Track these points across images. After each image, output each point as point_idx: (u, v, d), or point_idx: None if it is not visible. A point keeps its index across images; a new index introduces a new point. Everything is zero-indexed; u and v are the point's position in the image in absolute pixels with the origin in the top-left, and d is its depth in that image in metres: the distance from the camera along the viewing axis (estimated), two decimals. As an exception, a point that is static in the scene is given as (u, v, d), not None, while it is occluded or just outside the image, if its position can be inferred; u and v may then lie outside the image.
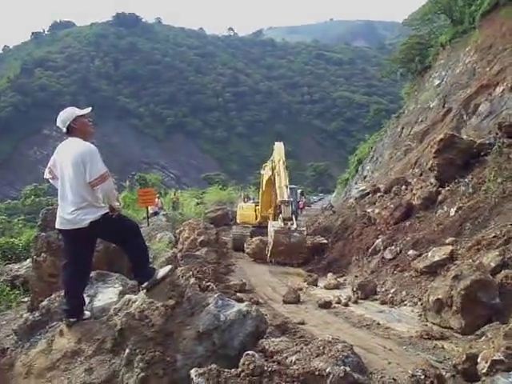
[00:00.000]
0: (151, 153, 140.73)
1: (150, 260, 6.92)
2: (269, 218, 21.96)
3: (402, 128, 30.16)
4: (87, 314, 5.55)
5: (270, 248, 16.75)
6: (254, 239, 19.41)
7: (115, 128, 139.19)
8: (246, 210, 23.82)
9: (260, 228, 21.65)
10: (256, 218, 22.81)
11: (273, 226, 16.75)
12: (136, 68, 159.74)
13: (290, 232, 16.16)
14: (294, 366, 4.58)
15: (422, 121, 26.63)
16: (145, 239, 5.87)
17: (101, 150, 5.37)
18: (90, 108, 5.69)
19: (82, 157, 5.20)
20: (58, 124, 5.47)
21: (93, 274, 6.24)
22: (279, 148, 19.28)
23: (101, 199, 5.37)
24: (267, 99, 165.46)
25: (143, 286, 5.41)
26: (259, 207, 22.77)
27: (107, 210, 5.38)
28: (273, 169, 19.23)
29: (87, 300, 5.77)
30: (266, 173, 21.06)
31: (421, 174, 17.47)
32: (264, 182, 21.41)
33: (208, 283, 9.55)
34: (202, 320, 4.98)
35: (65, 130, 5.44)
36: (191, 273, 5.95)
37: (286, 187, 17.69)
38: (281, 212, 16.97)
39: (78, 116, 5.50)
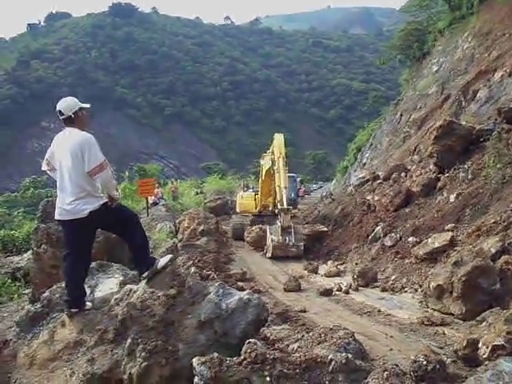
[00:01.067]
0: (150, 143, 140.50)
1: (151, 250, 6.92)
2: (268, 207, 22.01)
3: (401, 115, 30.09)
4: (88, 304, 5.56)
5: (268, 251, 16.88)
6: (253, 228, 19.43)
7: (113, 119, 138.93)
8: (245, 199, 23.88)
9: (260, 217, 21.73)
10: (256, 207, 22.89)
11: (271, 233, 16.85)
12: (133, 58, 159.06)
13: (287, 248, 16.32)
14: (296, 354, 4.59)
15: (420, 107, 26.57)
16: (145, 229, 5.87)
17: (99, 141, 5.35)
18: (89, 105, 5.67)
19: (80, 146, 5.18)
20: (61, 109, 5.39)
21: (93, 264, 6.25)
22: (279, 141, 19.03)
23: (100, 189, 5.37)
24: (265, 88, 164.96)
25: (144, 275, 5.43)
26: (259, 196, 22.81)
27: (106, 200, 5.38)
28: (272, 161, 19.22)
29: (88, 291, 5.78)
30: (265, 163, 21.01)
31: (420, 161, 17.45)
32: (263, 172, 21.39)
33: (209, 272, 9.57)
34: (203, 309, 4.98)
35: (64, 117, 5.39)
36: (192, 262, 5.96)
37: (286, 189, 17.66)
38: (280, 221, 16.94)
39: (81, 107, 5.49)
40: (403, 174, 17.23)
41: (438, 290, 7.93)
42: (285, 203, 17.08)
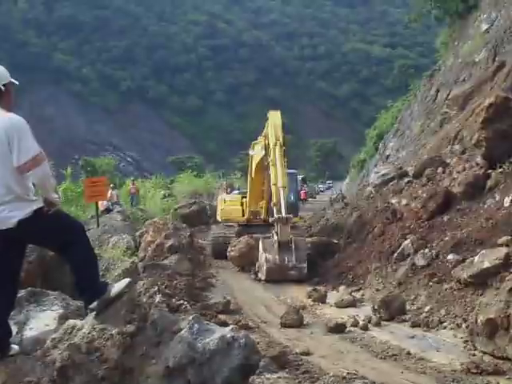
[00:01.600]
0: (100, 129, 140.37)
1: (101, 272, 6.88)
2: (260, 214, 21.99)
3: (438, 90, 30.17)
4: (15, 347, 5.49)
5: (261, 272, 16.97)
6: (239, 240, 19.40)
7: (50, 96, 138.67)
8: (229, 204, 23.85)
9: (249, 227, 21.64)
10: (243, 214, 22.87)
11: (265, 250, 16.81)
12: (76, 13, 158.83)
13: (286, 271, 16.39)
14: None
15: (464, 80, 26.62)
16: (93, 245, 5.84)
17: (31, 127, 5.28)
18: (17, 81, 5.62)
19: (6, 133, 5.09)
20: None
21: (22, 292, 6.20)
22: (275, 121, 19.03)
23: (33, 190, 5.31)
24: (255, 55, 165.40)
25: (91, 307, 5.38)
26: (247, 199, 22.79)
27: (41, 205, 5.32)
28: (266, 148, 19.19)
29: (15, 329, 5.72)
30: (256, 153, 20.98)
31: (463, 152, 17.49)
32: (254, 165, 21.40)
33: (180, 302, 9.55)
34: (172, 351, 4.96)
35: None
36: (157, 288, 5.91)
37: (284, 189, 17.66)
38: (277, 233, 16.94)
39: (10, 81, 5.46)
40: (440, 170, 17.26)
41: (490, 326, 7.94)
42: (283, 210, 17.07)
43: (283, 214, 16.97)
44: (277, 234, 16.80)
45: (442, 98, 28.81)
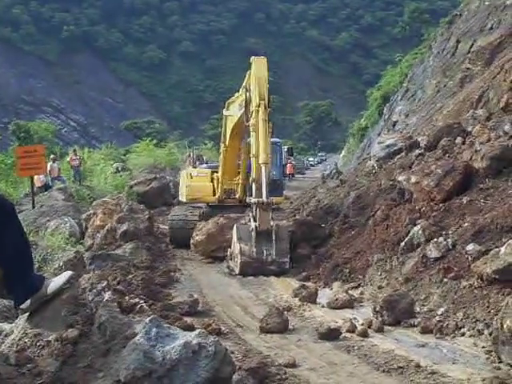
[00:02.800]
0: (37, 86, 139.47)
1: (36, 264, 6.82)
2: (235, 192, 21.95)
3: (458, 41, 30.22)
4: None
5: (234, 265, 17.14)
6: (205, 223, 19.37)
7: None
8: (196, 180, 23.65)
9: (220, 209, 21.52)
10: (214, 193, 22.83)
11: (239, 239, 16.92)
12: None
13: (264, 265, 16.56)
14: None
15: (491, 28, 26.67)
16: (27, 230, 5.77)
17: None
18: None
19: None
20: None
21: None
22: (260, 73, 18.48)
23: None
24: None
25: (23, 307, 5.35)
26: (219, 174, 22.74)
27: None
28: (246, 103, 18.86)
29: None
30: (232, 113, 20.82)
31: (488, 118, 17.54)
32: (228, 129, 21.37)
33: (135, 300, 9.50)
34: (124, 362, 4.92)
35: None
36: (106, 283, 5.87)
37: (267, 164, 17.50)
38: (254, 217, 16.94)
39: None
40: (459, 141, 17.32)
41: (517, 333, 7.98)
42: (264, 191, 17.06)
43: (264, 198, 16.97)
44: (255, 220, 16.83)
45: (463, 50, 28.87)
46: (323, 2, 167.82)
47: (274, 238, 16.61)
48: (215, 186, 22.96)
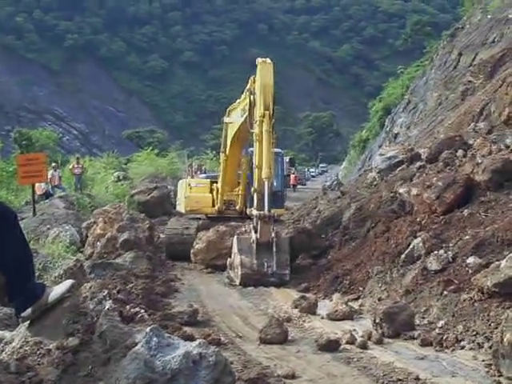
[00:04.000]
0: (39, 94, 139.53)
1: (37, 272, 6.82)
2: (235, 204, 21.85)
3: (460, 54, 30.27)
4: None
5: (235, 275, 17.16)
6: (205, 232, 19.34)
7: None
8: (195, 191, 23.29)
9: (220, 221, 21.22)
10: (213, 204, 22.46)
11: (240, 250, 16.90)
12: None
13: (264, 277, 16.54)
14: None
15: (493, 42, 26.71)
16: (28, 238, 5.78)
17: None
18: None
19: None
20: None
21: None
22: (266, 79, 17.71)
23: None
24: (233, 5, 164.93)
25: (24, 315, 5.34)
26: (219, 184, 22.29)
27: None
28: (251, 107, 18.26)
29: None
30: (234, 120, 20.59)
31: (489, 131, 17.56)
32: (229, 137, 20.97)
33: (136, 310, 9.50)
34: (124, 371, 4.89)
35: None
36: (107, 293, 5.87)
37: (269, 179, 17.31)
38: (256, 229, 16.94)
39: None
40: (460, 153, 17.33)
41: (518, 346, 7.97)
42: (266, 204, 17.03)
43: (265, 211, 16.93)
44: (255, 232, 16.84)
45: (465, 63, 28.91)
46: (326, 13, 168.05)
47: (274, 250, 16.61)
48: (215, 196, 22.62)
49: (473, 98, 23.76)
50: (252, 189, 18.16)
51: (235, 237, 17.68)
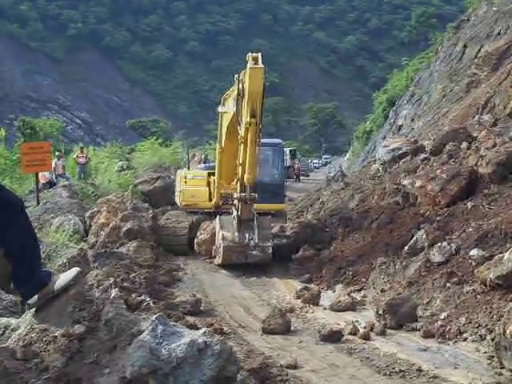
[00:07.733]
0: (43, 83, 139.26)
1: (42, 260, 6.84)
2: (231, 198, 21.50)
3: (465, 46, 30.19)
4: None
5: (217, 254, 17.35)
6: (209, 222, 19.30)
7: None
8: (191, 184, 22.54)
9: (216, 215, 20.70)
10: (210, 198, 21.83)
11: (222, 227, 17.07)
12: None
13: (246, 250, 16.70)
14: None
15: (499, 34, 26.64)
16: (33, 226, 5.79)
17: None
18: None
19: None
20: None
21: None
22: (254, 83, 16.71)
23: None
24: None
25: (30, 302, 5.36)
26: (215, 177, 21.36)
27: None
28: (238, 96, 17.59)
29: None
30: (227, 109, 20.18)
31: (494, 124, 17.53)
32: (224, 127, 20.61)
33: (140, 298, 9.52)
34: (130, 358, 4.92)
35: None
36: (112, 281, 5.88)
37: (251, 185, 17.29)
38: (237, 209, 17.13)
39: None
40: (465, 146, 17.32)
41: (520, 338, 7.99)
42: (248, 190, 17.17)
43: (247, 192, 17.12)
44: (237, 210, 17.04)
45: (470, 55, 28.84)
46: (331, 4, 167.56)
47: (255, 223, 16.85)
48: (211, 189, 21.85)
49: (477, 90, 23.73)
50: (235, 178, 18.40)
51: (217, 217, 18.07)
